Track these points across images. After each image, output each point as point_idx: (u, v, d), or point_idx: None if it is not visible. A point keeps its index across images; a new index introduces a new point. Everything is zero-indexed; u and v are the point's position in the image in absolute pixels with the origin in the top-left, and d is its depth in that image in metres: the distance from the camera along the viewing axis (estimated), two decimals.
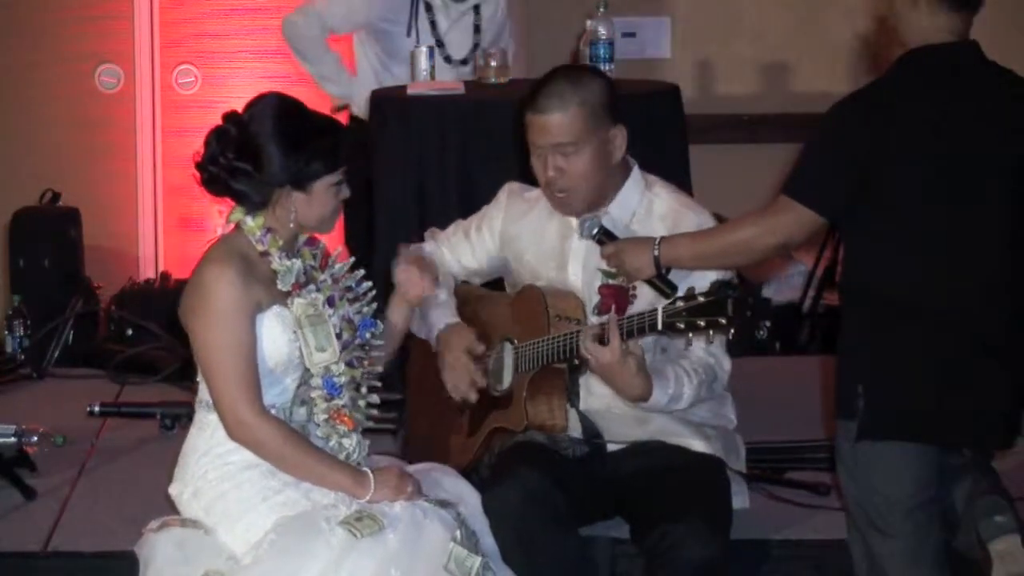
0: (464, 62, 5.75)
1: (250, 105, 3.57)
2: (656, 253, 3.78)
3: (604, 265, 3.90)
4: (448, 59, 5.74)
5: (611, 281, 3.89)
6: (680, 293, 3.62)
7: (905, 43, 3.60)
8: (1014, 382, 3.60)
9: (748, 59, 6.97)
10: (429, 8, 5.72)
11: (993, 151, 3.53)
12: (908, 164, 3.50)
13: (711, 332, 3.55)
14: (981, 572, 3.65)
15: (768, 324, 6.25)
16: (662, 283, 3.81)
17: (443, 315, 4.05)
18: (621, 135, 3.89)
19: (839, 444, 3.67)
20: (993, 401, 3.58)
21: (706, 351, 3.83)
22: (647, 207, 3.96)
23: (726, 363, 3.89)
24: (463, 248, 4.18)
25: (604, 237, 3.88)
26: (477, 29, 5.83)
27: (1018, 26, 6.64)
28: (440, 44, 5.73)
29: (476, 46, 5.78)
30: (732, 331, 3.54)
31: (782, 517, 4.15)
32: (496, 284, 4.26)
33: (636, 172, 3.98)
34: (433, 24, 5.73)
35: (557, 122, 3.83)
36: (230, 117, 3.56)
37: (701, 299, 3.54)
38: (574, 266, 3.96)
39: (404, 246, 4.19)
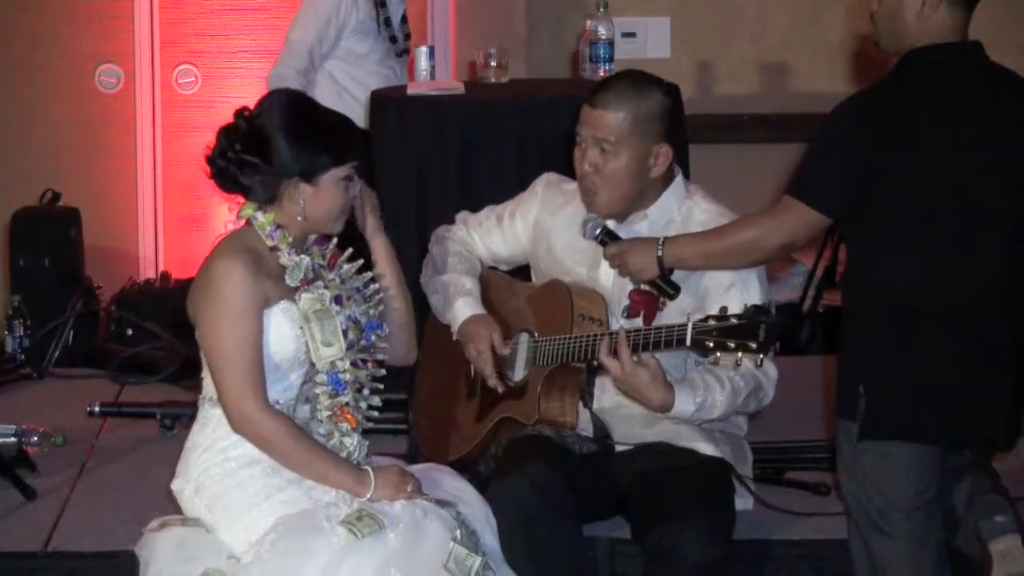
0: (407, 51, 5.79)
1: (261, 101, 3.59)
2: (660, 253, 3.77)
3: None
4: (400, 54, 5.77)
5: (644, 287, 3.88)
6: (713, 312, 3.59)
7: (902, 42, 3.59)
8: (1015, 383, 3.60)
9: (748, 59, 6.97)
10: (384, 5, 5.73)
11: (996, 151, 3.52)
12: (912, 164, 3.50)
13: (739, 355, 3.53)
14: (981, 572, 3.65)
15: None
16: (665, 284, 3.81)
17: (467, 305, 4.06)
18: (665, 155, 3.88)
19: (840, 444, 3.67)
20: (993, 402, 3.58)
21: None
22: (686, 214, 3.95)
23: (772, 370, 3.84)
24: (494, 234, 4.19)
25: (607, 238, 3.88)
26: (405, 19, 5.85)
27: (1018, 26, 6.65)
28: (394, 40, 5.75)
29: (408, 36, 5.81)
30: (761, 357, 3.52)
31: (783, 517, 4.14)
32: (523, 272, 4.25)
33: (679, 180, 3.98)
34: (387, 21, 5.75)
35: (604, 118, 3.84)
36: (240, 113, 3.57)
37: (734, 321, 3.51)
38: (607, 268, 3.94)
39: (444, 227, 4.24)
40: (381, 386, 3.68)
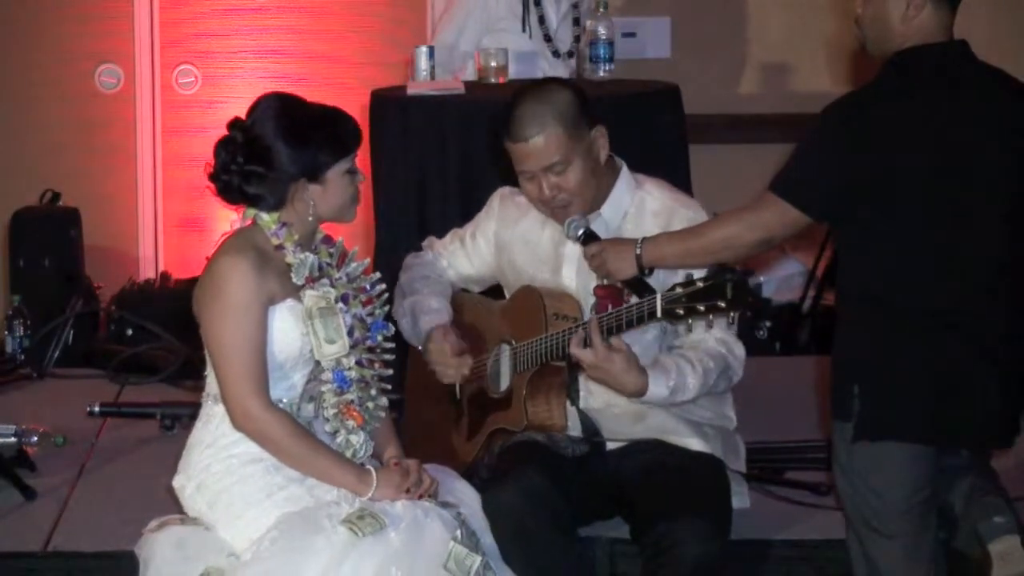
0: (570, 54, 5.74)
1: (251, 109, 3.59)
2: (638, 252, 3.78)
3: None
4: (556, 53, 5.72)
5: (606, 281, 3.89)
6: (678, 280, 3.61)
7: (888, 44, 3.59)
8: (1012, 382, 3.60)
9: (748, 59, 6.97)
10: (538, 3, 5.70)
11: (989, 151, 3.52)
12: (905, 166, 3.50)
13: (711, 316, 3.55)
14: (981, 572, 3.65)
15: (768, 324, 6.26)
16: (639, 285, 3.81)
17: (432, 320, 4.06)
18: (601, 135, 3.89)
19: (835, 445, 3.67)
20: (990, 402, 3.57)
21: (717, 340, 3.81)
22: (639, 205, 3.96)
23: (738, 349, 3.86)
24: (459, 256, 4.20)
25: (588, 239, 3.89)
26: (577, 21, 5.81)
27: (1016, 28, 6.64)
28: (548, 39, 5.71)
29: (578, 38, 5.78)
30: (733, 314, 3.55)
31: (782, 517, 4.15)
32: (495, 292, 4.26)
33: (625, 172, 3.99)
34: (541, 19, 5.71)
35: (541, 146, 3.82)
36: (234, 124, 3.57)
37: (700, 284, 3.54)
38: (568, 270, 3.97)
39: (412, 255, 4.26)
40: (389, 387, 3.69)
